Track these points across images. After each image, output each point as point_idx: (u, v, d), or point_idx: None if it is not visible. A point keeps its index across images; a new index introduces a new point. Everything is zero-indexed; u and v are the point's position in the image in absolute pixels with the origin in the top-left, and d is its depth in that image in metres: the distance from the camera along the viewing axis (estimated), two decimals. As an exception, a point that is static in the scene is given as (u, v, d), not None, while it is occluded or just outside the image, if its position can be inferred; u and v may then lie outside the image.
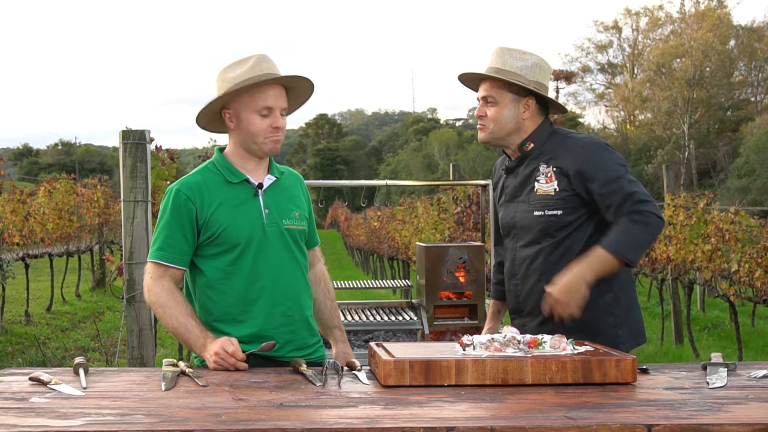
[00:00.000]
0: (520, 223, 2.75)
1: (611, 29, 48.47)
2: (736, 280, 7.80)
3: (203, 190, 2.49)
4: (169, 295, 2.45)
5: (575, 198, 2.64)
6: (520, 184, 2.75)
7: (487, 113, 2.72)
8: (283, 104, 2.52)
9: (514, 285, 2.79)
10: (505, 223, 2.82)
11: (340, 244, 29.86)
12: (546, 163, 2.69)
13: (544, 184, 2.68)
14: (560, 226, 2.66)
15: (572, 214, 2.65)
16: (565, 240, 2.67)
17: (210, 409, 1.84)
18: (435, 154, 57.05)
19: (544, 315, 2.63)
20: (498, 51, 2.75)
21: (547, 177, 2.68)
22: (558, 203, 2.65)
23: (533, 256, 2.71)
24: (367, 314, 5.05)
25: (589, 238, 2.65)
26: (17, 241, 10.20)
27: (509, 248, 2.82)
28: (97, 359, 7.43)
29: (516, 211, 2.76)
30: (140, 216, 4.17)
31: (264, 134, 2.49)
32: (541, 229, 2.68)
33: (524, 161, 2.75)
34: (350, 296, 9.56)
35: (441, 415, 1.80)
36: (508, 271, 2.83)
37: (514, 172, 2.79)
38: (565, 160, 2.65)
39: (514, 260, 2.78)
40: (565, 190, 2.65)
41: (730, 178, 35.03)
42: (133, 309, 4.20)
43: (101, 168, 52.85)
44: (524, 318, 2.76)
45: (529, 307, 2.74)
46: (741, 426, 1.72)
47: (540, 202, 2.68)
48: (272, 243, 2.50)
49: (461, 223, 8.48)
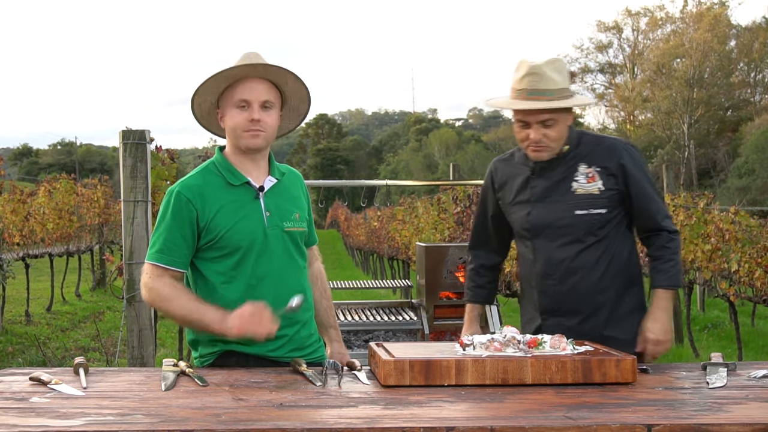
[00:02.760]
0: (557, 223, 2.75)
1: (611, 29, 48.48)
2: (736, 280, 7.81)
3: (204, 192, 2.47)
4: (172, 288, 2.43)
5: (617, 196, 2.74)
6: (554, 184, 2.76)
7: (548, 135, 2.70)
8: (262, 97, 2.47)
9: (550, 285, 2.78)
10: (537, 223, 2.79)
11: (340, 244, 29.85)
12: (586, 164, 2.74)
13: (585, 184, 2.73)
14: (602, 224, 2.73)
15: (613, 212, 2.75)
16: (605, 237, 2.74)
17: (210, 409, 1.85)
18: (435, 154, 57.04)
19: (583, 313, 2.74)
20: (535, 69, 2.67)
21: (589, 177, 2.73)
22: (603, 202, 2.72)
23: (574, 255, 2.73)
24: (367, 314, 5.05)
25: (624, 233, 2.79)
26: (17, 241, 10.20)
27: (540, 248, 2.79)
28: (97, 359, 7.43)
29: (550, 211, 2.76)
30: (140, 216, 4.17)
31: (242, 127, 2.46)
32: (584, 228, 2.73)
33: (556, 162, 2.76)
34: (350, 296, 9.55)
35: (441, 415, 1.80)
36: (540, 271, 2.79)
37: (544, 174, 2.78)
38: (610, 160, 2.74)
39: (549, 260, 2.77)
40: (611, 189, 2.73)
41: (730, 178, 35.03)
42: (133, 309, 4.20)
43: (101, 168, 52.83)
44: (561, 317, 2.76)
45: (568, 306, 2.76)
46: (741, 426, 1.73)
47: (582, 201, 2.72)
48: (273, 246, 2.48)
49: (461, 223, 8.47)
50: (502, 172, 2.93)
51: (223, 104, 2.52)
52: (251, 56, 2.49)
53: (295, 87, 2.57)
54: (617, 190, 2.73)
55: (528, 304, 2.90)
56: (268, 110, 2.49)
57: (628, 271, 2.78)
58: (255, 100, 2.46)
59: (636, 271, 2.83)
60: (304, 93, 2.61)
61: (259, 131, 2.47)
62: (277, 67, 2.48)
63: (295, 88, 2.58)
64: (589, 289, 2.73)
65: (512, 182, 2.87)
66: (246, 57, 2.49)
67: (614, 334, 2.71)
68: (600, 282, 2.73)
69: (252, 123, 2.46)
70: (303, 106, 2.66)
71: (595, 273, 2.73)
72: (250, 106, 2.46)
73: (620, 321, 2.74)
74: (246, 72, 2.47)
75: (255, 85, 2.47)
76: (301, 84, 2.56)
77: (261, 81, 2.48)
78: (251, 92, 2.46)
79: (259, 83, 2.48)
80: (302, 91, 2.59)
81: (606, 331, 2.71)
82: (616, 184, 2.73)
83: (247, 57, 2.49)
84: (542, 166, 2.78)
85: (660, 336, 2.69)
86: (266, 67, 2.47)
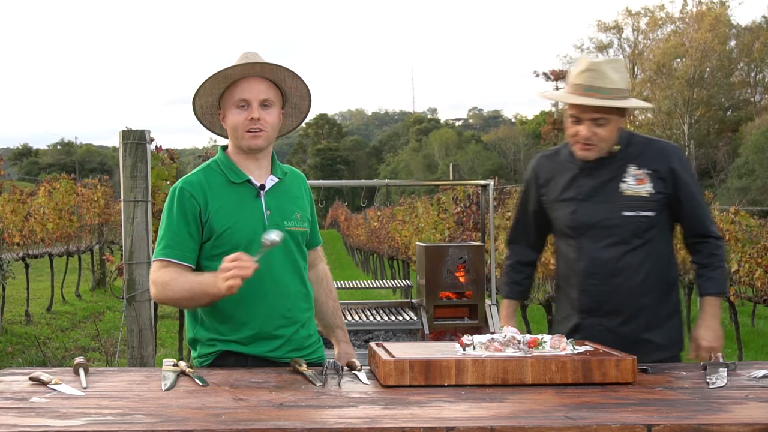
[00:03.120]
0: (603, 223, 2.74)
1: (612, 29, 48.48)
2: (736, 280, 7.81)
3: (206, 189, 2.48)
4: (171, 272, 2.41)
5: (665, 199, 2.74)
6: (602, 184, 2.76)
7: (597, 133, 2.69)
8: (261, 95, 2.47)
9: (592, 285, 2.77)
10: (582, 221, 2.78)
11: (340, 244, 29.84)
12: (637, 166, 2.74)
13: (634, 186, 2.73)
14: (649, 227, 2.73)
15: (660, 215, 2.75)
16: (650, 240, 2.74)
17: (210, 409, 1.85)
18: (435, 154, 57.04)
19: (624, 314, 2.74)
20: (594, 66, 2.68)
21: (639, 179, 2.73)
22: (651, 205, 2.72)
23: (620, 257, 2.73)
24: (367, 314, 5.05)
25: (666, 236, 2.79)
26: (17, 241, 10.21)
27: (585, 248, 2.78)
28: (97, 359, 7.43)
29: (596, 211, 2.76)
30: (140, 216, 4.17)
31: (242, 127, 2.46)
32: (630, 230, 2.72)
33: (604, 162, 2.76)
34: (350, 296, 9.54)
35: (441, 415, 1.80)
36: (583, 271, 2.78)
37: (592, 173, 2.78)
38: (661, 163, 2.73)
39: (594, 260, 2.76)
40: (660, 192, 2.73)
41: (730, 178, 35.03)
42: (133, 309, 4.20)
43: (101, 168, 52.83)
44: (601, 317, 2.77)
45: (609, 306, 2.76)
46: (741, 426, 1.72)
47: (631, 203, 2.72)
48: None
49: (461, 223, 8.48)
50: (547, 168, 2.91)
51: (224, 104, 2.52)
52: (249, 56, 2.50)
53: (294, 84, 2.57)
54: (665, 193, 2.72)
55: (565, 302, 2.89)
56: (267, 109, 2.48)
57: (668, 275, 2.79)
58: (254, 99, 2.46)
59: (675, 275, 2.84)
60: (304, 90, 2.61)
61: (259, 131, 2.47)
62: (273, 65, 2.48)
63: (295, 86, 2.58)
64: (632, 291, 2.73)
65: (558, 179, 2.86)
66: (244, 56, 2.50)
67: (653, 338, 2.73)
68: (642, 284, 2.73)
69: (252, 122, 2.46)
70: (304, 104, 2.66)
71: (639, 275, 2.73)
72: (250, 106, 2.46)
73: (659, 324, 2.76)
74: (244, 71, 2.47)
75: (254, 84, 2.47)
76: (300, 81, 2.56)
77: (260, 80, 2.48)
78: (250, 91, 2.46)
79: (258, 82, 2.48)
80: (302, 88, 2.59)
81: (645, 334, 2.73)
82: (665, 187, 2.72)
83: (245, 56, 2.49)
84: (590, 165, 2.77)
85: (713, 343, 2.71)
86: (263, 66, 2.47)
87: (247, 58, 2.48)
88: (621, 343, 2.70)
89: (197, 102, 2.55)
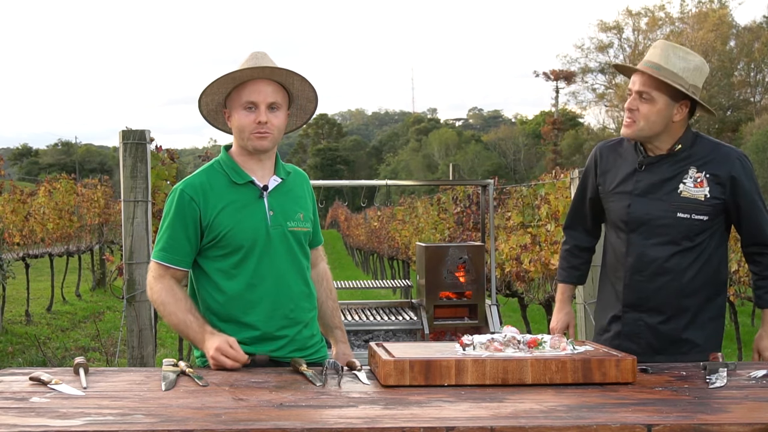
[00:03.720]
0: (656, 222, 2.73)
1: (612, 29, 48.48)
2: (736, 280, 7.80)
3: (207, 191, 2.48)
4: (169, 292, 2.45)
5: (722, 205, 2.71)
6: (660, 182, 2.74)
7: (640, 109, 2.69)
8: (270, 99, 2.47)
9: (638, 281, 2.77)
10: (636, 217, 2.76)
11: (340, 244, 29.85)
12: (698, 168, 2.71)
13: (692, 188, 2.70)
14: (701, 230, 2.71)
15: (714, 220, 2.72)
16: (701, 243, 2.72)
17: (210, 409, 1.84)
18: (435, 154, 57.04)
19: (666, 313, 2.73)
20: (662, 46, 2.71)
21: (697, 182, 2.70)
22: (706, 209, 2.70)
23: (668, 257, 2.72)
24: (367, 314, 5.05)
25: (718, 241, 2.76)
26: (17, 241, 10.20)
27: (635, 243, 2.77)
28: (98, 359, 7.43)
29: (651, 208, 2.74)
30: (140, 216, 4.17)
31: (249, 129, 2.46)
32: (682, 231, 2.71)
33: (666, 160, 2.74)
34: (350, 296, 9.55)
35: (441, 415, 1.80)
36: (631, 266, 2.78)
37: (652, 169, 2.76)
38: (722, 169, 2.70)
39: (642, 257, 2.75)
40: (716, 197, 2.70)
41: (730, 178, 34.99)
42: (133, 309, 4.20)
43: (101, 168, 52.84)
44: (642, 314, 2.77)
45: (652, 304, 2.76)
46: (741, 426, 1.72)
47: (686, 205, 2.70)
48: (276, 246, 2.48)
49: (461, 223, 8.47)
50: (608, 158, 2.89)
51: (231, 104, 2.51)
52: (258, 56, 2.49)
53: (302, 87, 2.57)
54: (722, 199, 2.70)
55: (609, 293, 2.89)
56: (274, 111, 2.49)
57: (716, 280, 2.77)
58: (262, 102, 2.46)
59: (723, 281, 2.81)
60: (311, 93, 2.61)
61: (266, 133, 2.47)
62: (284, 69, 2.48)
63: (302, 89, 2.58)
64: (676, 292, 2.72)
65: (616, 170, 2.85)
66: (253, 57, 2.49)
67: (692, 338, 2.73)
68: (687, 286, 2.72)
69: (259, 125, 2.46)
70: (310, 105, 2.66)
71: (685, 277, 2.72)
72: (258, 108, 2.46)
73: (701, 326, 2.75)
74: (253, 74, 2.47)
75: (262, 86, 2.47)
76: (308, 85, 2.57)
77: (268, 82, 2.48)
78: (259, 94, 2.46)
79: (266, 85, 2.47)
80: (309, 91, 2.60)
81: (685, 334, 2.73)
82: (723, 193, 2.70)
83: (254, 57, 2.49)
84: (651, 161, 2.76)
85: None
86: (273, 70, 2.47)
87: (256, 59, 2.48)
88: (660, 341, 2.72)
89: (203, 100, 2.55)
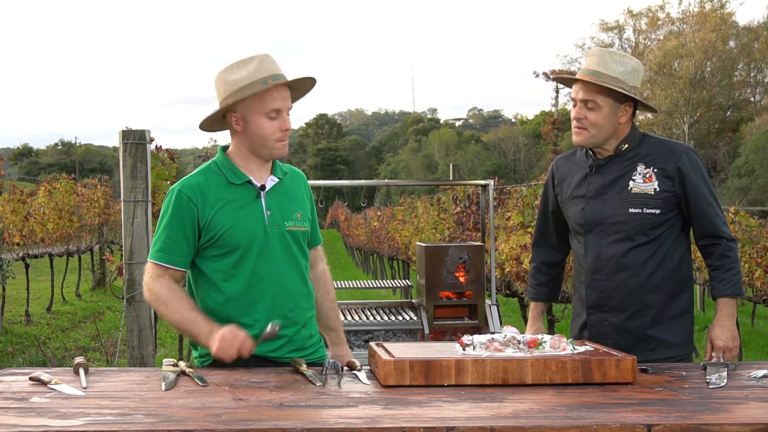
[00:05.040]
0: (610, 220, 2.77)
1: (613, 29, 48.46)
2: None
3: (205, 191, 2.48)
4: (170, 291, 2.44)
5: (673, 198, 2.75)
6: (610, 181, 2.79)
7: (588, 117, 2.75)
8: (290, 105, 2.51)
9: (598, 280, 2.80)
10: (590, 218, 2.82)
11: (340, 244, 29.85)
12: (645, 164, 2.76)
13: (641, 183, 2.76)
14: (655, 225, 2.74)
15: (667, 214, 2.75)
16: (657, 238, 2.75)
17: (210, 409, 1.85)
18: (435, 154, 57.04)
19: (629, 311, 2.76)
20: (598, 53, 2.76)
21: (646, 177, 2.76)
22: (657, 202, 2.74)
23: (624, 253, 2.76)
24: (367, 314, 5.05)
25: (677, 236, 2.79)
26: (17, 241, 10.20)
27: (592, 244, 2.82)
28: (97, 359, 7.43)
29: (604, 208, 2.79)
30: (140, 216, 4.17)
31: (275, 138, 2.47)
32: (636, 227, 2.74)
33: (614, 160, 2.80)
34: (350, 296, 9.55)
35: (441, 415, 1.80)
36: (590, 267, 2.82)
37: (602, 171, 2.81)
38: (669, 162, 2.75)
39: (600, 256, 2.80)
40: (666, 191, 2.74)
41: (730, 178, 35.05)
42: (133, 309, 4.20)
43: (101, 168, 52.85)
44: (606, 313, 2.80)
45: (615, 302, 2.78)
46: (741, 426, 1.73)
47: (637, 200, 2.74)
48: (274, 245, 2.48)
49: (461, 223, 8.47)
50: (563, 168, 2.96)
51: (246, 111, 2.46)
52: (265, 59, 2.47)
53: (306, 84, 2.60)
54: (672, 192, 2.74)
55: (576, 301, 2.93)
56: (289, 116, 2.52)
57: (678, 275, 2.80)
58: (284, 109, 2.48)
59: (687, 276, 2.84)
60: (310, 84, 2.62)
61: (287, 140, 2.51)
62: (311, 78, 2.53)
63: (305, 85, 2.61)
64: (636, 288, 2.75)
65: (571, 178, 2.91)
66: (263, 60, 2.46)
67: (659, 335, 2.75)
68: (648, 282, 2.75)
69: (285, 133, 2.48)
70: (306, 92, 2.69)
71: (644, 272, 2.75)
72: (281, 115, 2.47)
73: (666, 323, 2.77)
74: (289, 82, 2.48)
75: (284, 94, 2.49)
76: (312, 81, 2.59)
77: (286, 88, 2.50)
78: (284, 102, 2.48)
79: (286, 91, 2.50)
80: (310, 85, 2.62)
81: (651, 331, 2.75)
82: (672, 186, 2.74)
83: (261, 60, 2.46)
84: (600, 164, 2.81)
85: (729, 343, 2.71)
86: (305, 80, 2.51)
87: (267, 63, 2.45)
88: (627, 339, 2.72)
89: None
